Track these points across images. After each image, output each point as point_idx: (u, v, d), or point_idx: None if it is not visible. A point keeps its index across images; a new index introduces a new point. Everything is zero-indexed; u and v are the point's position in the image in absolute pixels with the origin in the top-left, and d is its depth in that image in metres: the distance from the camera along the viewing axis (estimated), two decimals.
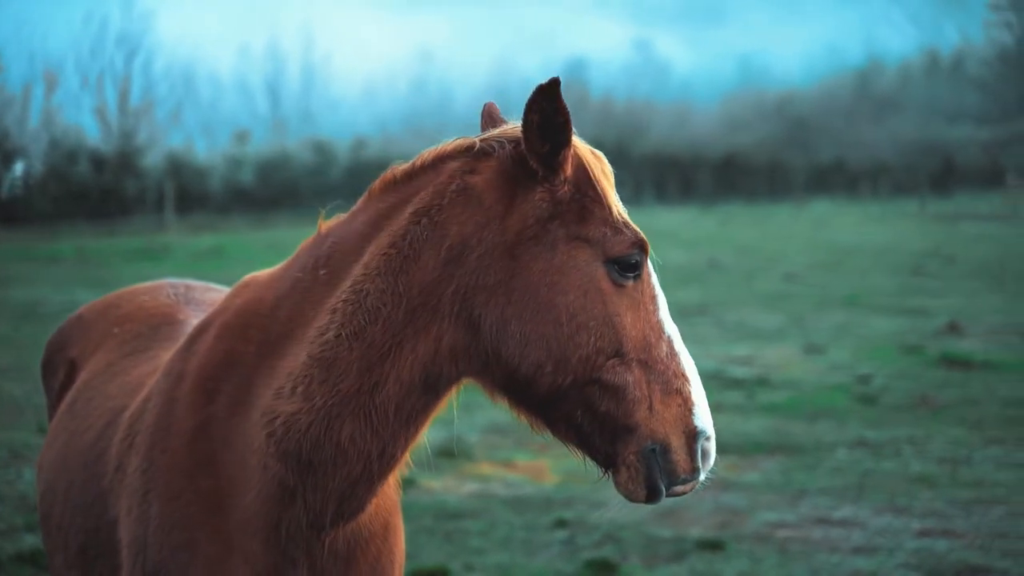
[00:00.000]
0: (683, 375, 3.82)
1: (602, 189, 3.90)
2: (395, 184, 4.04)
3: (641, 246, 3.85)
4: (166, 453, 4.09)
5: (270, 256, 29.10)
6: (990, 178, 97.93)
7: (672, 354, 3.83)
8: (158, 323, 5.14)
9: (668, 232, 51.40)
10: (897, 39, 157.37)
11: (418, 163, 4.03)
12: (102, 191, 61.90)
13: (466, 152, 3.95)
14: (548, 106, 3.76)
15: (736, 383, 16.84)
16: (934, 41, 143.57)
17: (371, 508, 4.15)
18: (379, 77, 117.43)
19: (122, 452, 4.32)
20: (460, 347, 3.86)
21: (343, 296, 3.92)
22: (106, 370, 4.95)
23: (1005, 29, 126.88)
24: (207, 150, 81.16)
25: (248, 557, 3.97)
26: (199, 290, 5.54)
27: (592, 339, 3.75)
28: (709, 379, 16.76)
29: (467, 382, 3.99)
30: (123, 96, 73.33)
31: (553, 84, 3.74)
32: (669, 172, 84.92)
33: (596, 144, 4.07)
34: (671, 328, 3.89)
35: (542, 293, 3.78)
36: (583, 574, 9.24)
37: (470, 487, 11.55)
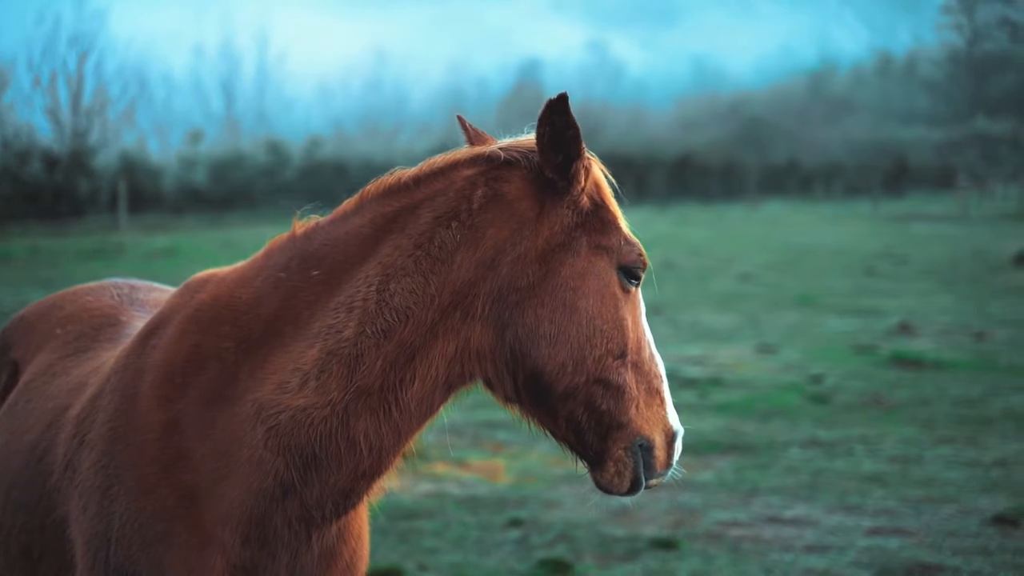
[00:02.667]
0: (660, 376, 4.09)
1: (612, 202, 4.16)
2: (400, 188, 4.09)
3: (644, 257, 4.16)
4: (131, 448, 4.05)
5: (224, 256, 28.91)
6: (942, 179, 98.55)
7: (652, 356, 4.10)
8: (100, 324, 5.10)
9: None
10: (850, 41, 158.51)
11: (426, 169, 4.09)
12: (54, 191, 61.50)
13: (487, 161, 4.05)
14: (558, 120, 3.91)
15: (690, 383, 16.87)
16: (886, 43, 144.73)
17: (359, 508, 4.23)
18: (334, 77, 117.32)
19: (71, 450, 4.28)
20: (487, 348, 3.96)
21: (360, 295, 3.95)
22: (47, 371, 4.91)
23: (956, 31, 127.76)
24: (160, 150, 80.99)
25: (225, 551, 3.96)
26: (143, 290, 5.49)
27: (604, 341, 3.97)
28: None
29: (477, 384, 4.09)
30: (75, 95, 72.89)
31: (562, 99, 3.88)
32: (624, 173, 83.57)
33: None
34: (649, 332, 4.18)
35: (568, 297, 3.95)
36: (537, 573, 9.24)
37: (424, 487, 11.54)
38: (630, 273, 4.12)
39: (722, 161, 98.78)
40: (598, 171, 4.15)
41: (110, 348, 4.80)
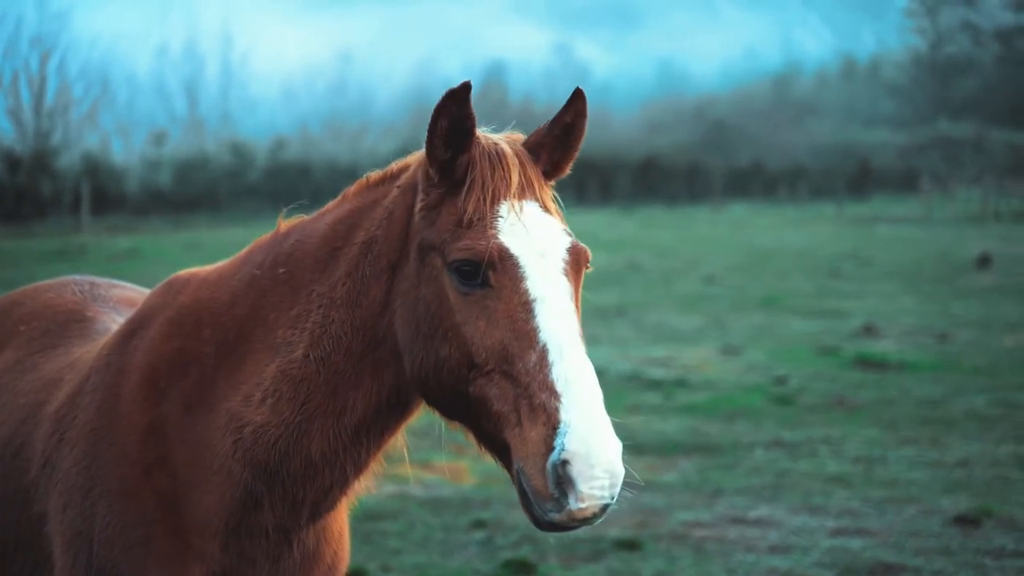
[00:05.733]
0: (551, 388, 3.45)
1: (469, 186, 3.73)
2: (366, 188, 4.06)
3: (469, 250, 3.61)
4: (114, 449, 4.06)
5: (188, 257, 28.75)
6: (905, 181, 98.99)
7: (541, 365, 3.49)
8: (66, 320, 5.07)
9: (588, 234, 50.96)
10: (814, 44, 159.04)
11: (388, 171, 4.05)
12: (17, 192, 61.08)
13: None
14: (459, 111, 3.68)
15: (654, 384, 16.90)
16: (850, 46, 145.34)
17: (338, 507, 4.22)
18: (298, 78, 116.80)
19: (50, 448, 4.27)
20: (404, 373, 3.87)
21: (312, 316, 3.92)
22: (14, 367, 4.87)
23: (919, 35, 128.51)
24: (124, 151, 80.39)
25: (204, 557, 3.97)
26: (104, 287, 5.47)
27: (450, 350, 3.61)
28: (627, 380, 16.87)
29: None
30: (38, 96, 72.34)
31: (466, 88, 3.66)
32: (589, 175, 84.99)
33: None
34: (552, 336, 3.54)
35: (419, 309, 3.73)
36: (501, 574, 9.23)
37: (388, 488, 11.50)
38: (460, 272, 3.62)
39: (687, 163, 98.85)
40: (483, 154, 3.78)
41: (81, 344, 4.78)
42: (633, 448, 13.01)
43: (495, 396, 3.53)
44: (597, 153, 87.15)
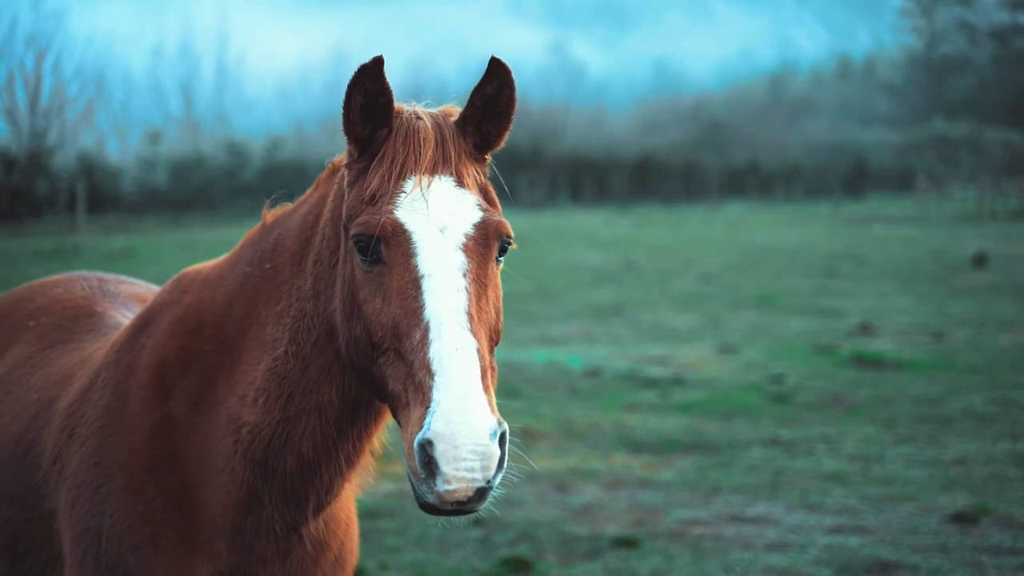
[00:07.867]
0: (427, 367, 3.39)
1: (378, 161, 3.70)
2: (331, 174, 4.06)
3: (368, 228, 3.56)
4: (122, 447, 4.07)
5: (183, 257, 28.73)
6: (901, 181, 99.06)
7: (423, 343, 3.43)
8: (76, 315, 5.07)
9: (584, 234, 51.57)
10: (809, 43, 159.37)
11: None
12: (12, 192, 61.09)
13: None
14: (373, 86, 3.65)
15: (651, 383, 16.89)
16: (846, 46, 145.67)
17: (343, 494, 4.22)
18: (293, 77, 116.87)
19: (60, 443, 4.28)
20: None
21: (292, 310, 3.93)
22: (26, 363, 4.88)
23: (915, 34, 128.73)
24: (119, 151, 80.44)
25: (212, 557, 3.98)
26: (112, 282, 5.47)
27: (360, 329, 3.59)
28: (624, 379, 16.89)
29: None
30: (33, 96, 72.34)
31: (377, 63, 3.63)
32: (585, 174, 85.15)
33: (511, 146, 3.98)
34: (435, 313, 3.47)
35: (343, 288, 3.71)
36: (499, 572, 9.22)
37: (385, 486, 11.49)
38: (357, 247, 3.59)
39: (683, 163, 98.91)
40: (401, 124, 3.74)
41: (92, 340, 4.79)
42: (631, 446, 13.09)
43: (391, 376, 3.50)
44: (593, 152, 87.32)
